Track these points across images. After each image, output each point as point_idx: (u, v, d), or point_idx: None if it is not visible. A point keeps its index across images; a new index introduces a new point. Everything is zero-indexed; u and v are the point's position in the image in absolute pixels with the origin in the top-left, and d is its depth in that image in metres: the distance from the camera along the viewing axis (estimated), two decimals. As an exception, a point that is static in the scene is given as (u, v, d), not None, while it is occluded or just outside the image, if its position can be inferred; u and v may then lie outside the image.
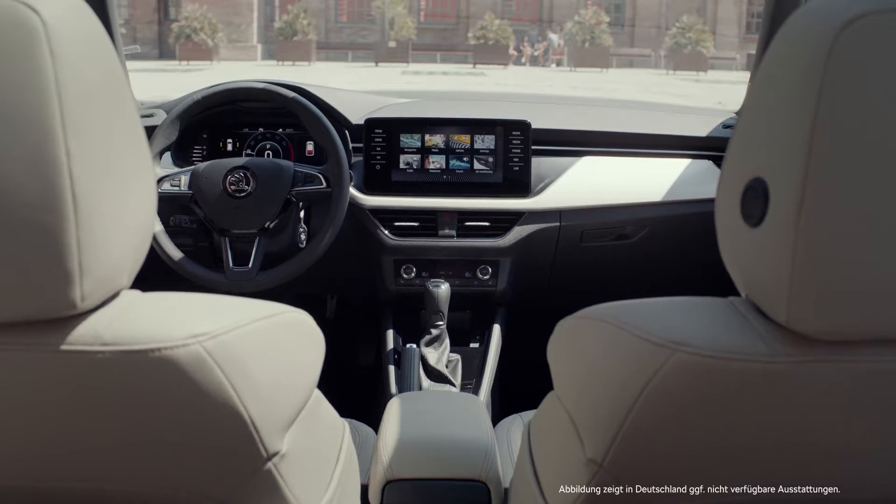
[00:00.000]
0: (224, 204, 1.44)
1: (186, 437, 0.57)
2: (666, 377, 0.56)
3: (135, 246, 0.58)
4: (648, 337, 0.58)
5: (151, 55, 24.73)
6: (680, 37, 23.19)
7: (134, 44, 24.47)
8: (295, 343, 0.67)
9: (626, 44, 26.99)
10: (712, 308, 0.62)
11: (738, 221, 0.57)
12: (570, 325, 0.71)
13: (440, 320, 1.50)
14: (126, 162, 0.56)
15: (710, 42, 23.37)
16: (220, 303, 0.63)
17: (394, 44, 23.42)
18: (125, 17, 24.42)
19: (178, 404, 0.56)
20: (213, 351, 0.56)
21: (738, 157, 0.58)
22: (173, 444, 0.58)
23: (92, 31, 0.54)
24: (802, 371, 0.56)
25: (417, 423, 1.03)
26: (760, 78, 0.57)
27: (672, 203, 1.63)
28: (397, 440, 0.97)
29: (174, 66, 20.89)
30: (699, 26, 23.35)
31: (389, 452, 0.96)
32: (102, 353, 0.54)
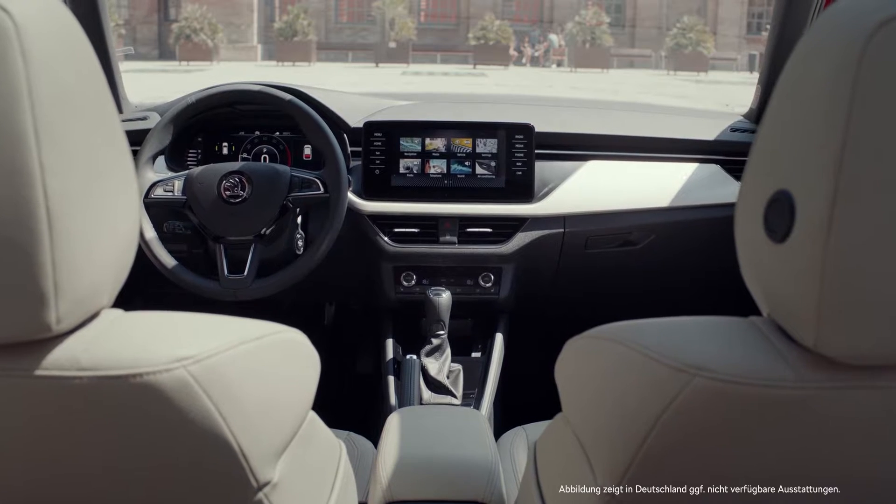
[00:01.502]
0: (219, 210, 1.41)
1: (170, 467, 0.55)
2: (684, 404, 0.53)
3: (117, 262, 0.55)
4: (665, 360, 0.55)
5: (151, 55, 24.78)
6: (680, 37, 23.23)
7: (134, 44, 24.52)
8: (288, 365, 0.64)
9: (627, 44, 27.02)
10: (733, 329, 0.58)
11: (760, 237, 0.53)
12: (580, 346, 0.67)
13: (441, 329, 1.47)
14: (106, 172, 0.53)
15: (710, 42, 23.43)
16: (208, 323, 0.60)
17: (394, 44, 23.44)
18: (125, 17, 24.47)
19: (162, 433, 0.53)
20: (199, 376, 0.53)
21: (760, 168, 0.55)
22: (156, 475, 0.55)
23: (68, 32, 0.51)
24: (830, 398, 0.52)
25: (418, 441, 1.00)
26: (785, 83, 0.53)
27: (679, 209, 1.60)
28: (397, 459, 0.94)
29: (174, 66, 20.93)
30: (700, 27, 23.41)
31: (389, 472, 0.93)
32: (80, 379, 0.51)
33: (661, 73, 23.44)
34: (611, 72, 22.68)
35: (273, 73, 19.25)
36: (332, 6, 27.94)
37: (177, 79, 15.92)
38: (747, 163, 0.57)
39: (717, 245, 1.67)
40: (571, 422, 0.67)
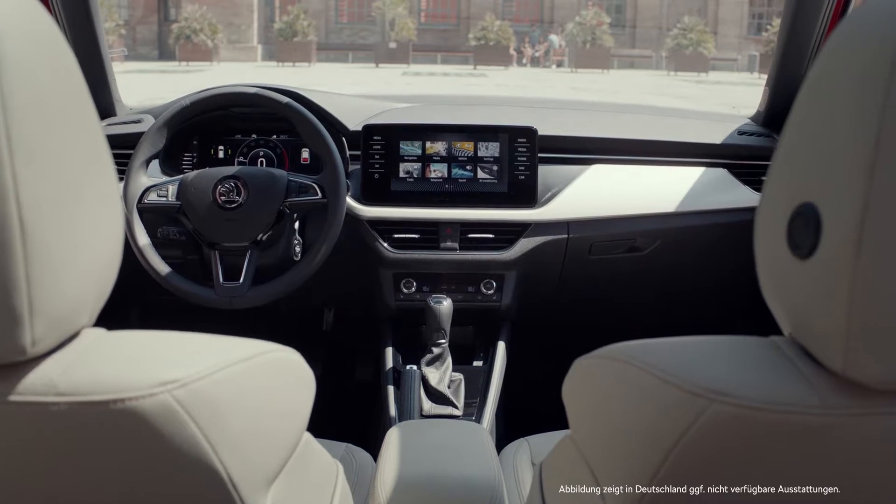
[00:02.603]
0: (214, 216, 1.38)
1: (154, 497, 0.52)
2: (702, 431, 0.50)
3: (98, 279, 0.52)
4: (682, 384, 0.51)
5: (151, 56, 24.80)
6: (681, 38, 23.24)
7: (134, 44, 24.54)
8: (281, 387, 0.61)
9: (627, 45, 27.03)
10: (752, 350, 0.55)
11: (783, 252, 0.50)
12: (589, 366, 0.64)
13: (442, 338, 1.44)
14: (86, 183, 0.50)
15: (711, 43, 23.45)
16: (195, 343, 0.57)
17: (394, 45, 23.44)
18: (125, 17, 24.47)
19: (145, 462, 0.50)
20: (185, 401, 0.50)
21: (782, 179, 0.52)
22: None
23: (45, 34, 0.47)
24: (858, 425, 0.49)
25: (418, 458, 0.96)
26: (809, 88, 0.50)
27: (685, 214, 1.57)
28: (396, 478, 0.91)
29: (174, 66, 20.95)
30: (700, 27, 23.43)
31: (388, 492, 0.89)
32: (57, 405, 0.48)
33: (662, 73, 23.45)
34: (611, 72, 22.68)
35: (273, 73, 19.26)
36: (332, 6, 27.95)
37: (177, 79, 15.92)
38: (768, 173, 0.54)
39: (724, 251, 1.65)
40: (580, 445, 0.63)
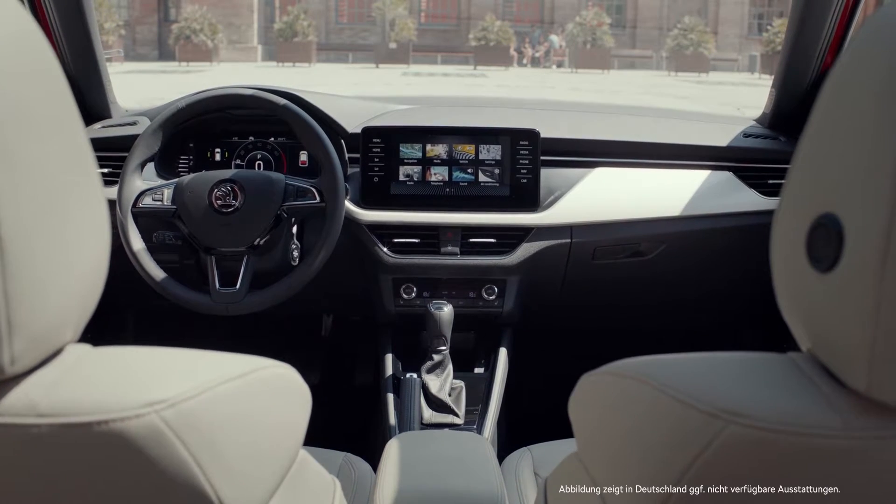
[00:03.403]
0: (210, 220, 1.35)
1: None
2: (717, 454, 0.47)
3: (83, 293, 0.50)
4: (695, 403, 0.49)
5: (151, 56, 24.78)
6: (681, 38, 23.22)
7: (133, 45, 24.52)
8: (275, 405, 0.58)
9: (628, 45, 27.00)
10: (769, 367, 0.52)
11: (802, 265, 0.48)
12: (597, 382, 0.61)
13: (442, 345, 1.41)
14: (70, 192, 0.47)
15: (711, 43, 23.43)
16: (185, 360, 0.54)
17: (394, 45, 23.42)
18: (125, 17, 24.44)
19: (131, 487, 0.48)
20: (173, 422, 0.47)
21: (801, 188, 0.49)
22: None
23: (26, 39, 0.45)
24: (883, 448, 0.46)
25: (418, 472, 0.94)
26: (830, 91, 0.47)
27: (691, 218, 1.54)
28: (396, 493, 0.88)
29: (174, 67, 20.93)
30: (701, 27, 23.42)
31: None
32: (38, 427, 0.46)
33: (663, 73, 23.43)
34: (612, 73, 22.66)
35: (273, 73, 19.24)
36: (332, 7, 27.92)
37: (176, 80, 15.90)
38: (785, 181, 0.51)
39: (730, 256, 1.62)
40: (587, 464, 0.61)
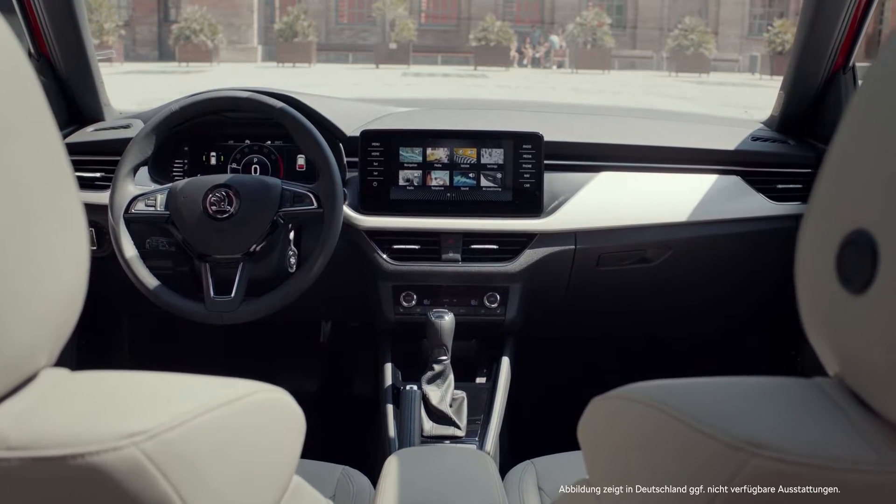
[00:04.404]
0: (203, 226, 1.32)
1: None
2: (741, 488, 0.43)
3: (58, 314, 0.46)
4: (716, 434, 0.45)
5: (151, 57, 24.77)
6: (682, 38, 23.20)
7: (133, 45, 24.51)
8: (265, 432, 0.54)
9: (628, 45, 26.98)
10: (794, 394, 0.48)
11: (831, 285, 0.44)
12: (608, 407, 0.57)
13: (443, 355, 1.37)
14: (43, 210, 0.43)
15: (712, 44, 23.41)
16: (168, 386, 0.50)
17: (394, 45, 23.39)
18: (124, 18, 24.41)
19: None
20: (155, 454, 0.44)
21: (830, 202, 0.45)
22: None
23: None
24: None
25: (419, 490, 0.90)
26: (863, 96, 0.44)
27: (698, 223, 1.50)
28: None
29: (174, 67, 20.90)
30: (701, 28, 23.40)
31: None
32: (7, 461, 0.42)
33: (663, 74, 23.40)
34: (612, 73, 22.63)
35: (273, 74, 19.22)
36: (332, 7, 27.91)
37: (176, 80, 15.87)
38: (812, 194, 0.47)
39: (737, 262, 1.58)
40: (597, 492, 0.57)
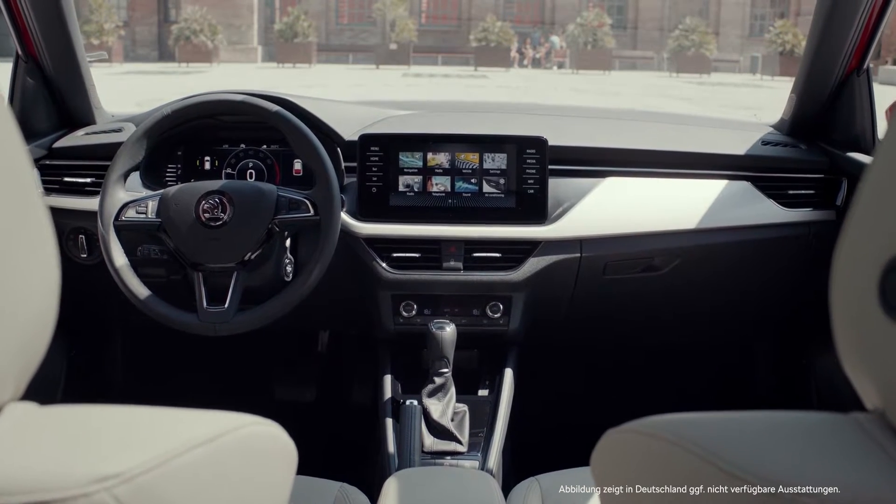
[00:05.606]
0: (196, 234, 1.27)
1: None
2: None
3: (25, 345, 0.42)
4: (746, 476, 0.40)
5: (151, 57, 24.72)
6: (683, 39, 23.16)
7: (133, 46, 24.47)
8: (252, 469, 0.50)
9: (629, 46, 26.94)
10: (832, 431, 0.43)
11: (873, 314, 0.39)
12: (622, 440, 0.52)
13: (444, 367, 1.32)
14: (7, 235, 0.40)
15: (713, 44, 23.37)
16: (146, 421, 0.46)
17: (395, 46, 23.35)
18: (124, 18, 24.36)
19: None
20: (129, 500, 0.40)
21: (871, 224, 0.41)
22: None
23: None
24: None
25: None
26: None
27: (707, 231, 1.46)
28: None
29: (174, 68, 20.87)
30: (702, 28, 23.36)
31: None
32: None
33: (664, 74, 23.35)
34: (613, 74, 22.59)
35: (273, 74, 19.16)
36: (332, 8, 27.87)
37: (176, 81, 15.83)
38: (849, 216, 0.43)
39: (747, 270, 1.54)
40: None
